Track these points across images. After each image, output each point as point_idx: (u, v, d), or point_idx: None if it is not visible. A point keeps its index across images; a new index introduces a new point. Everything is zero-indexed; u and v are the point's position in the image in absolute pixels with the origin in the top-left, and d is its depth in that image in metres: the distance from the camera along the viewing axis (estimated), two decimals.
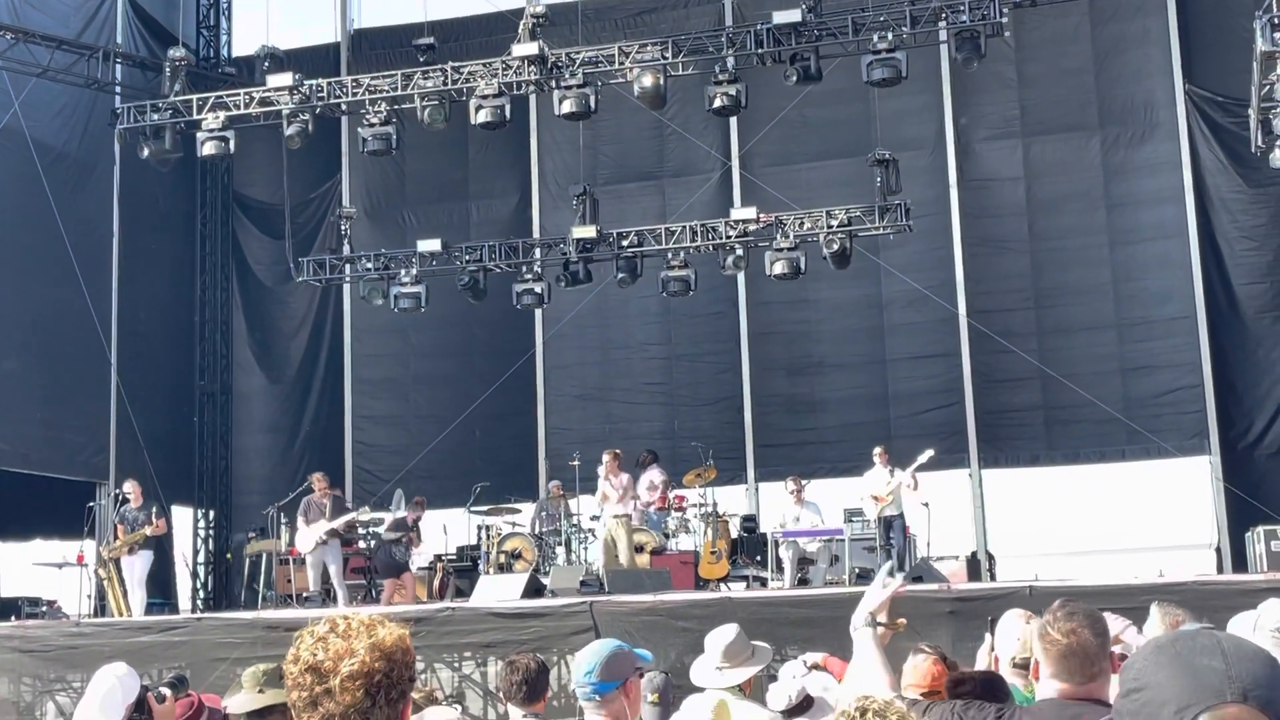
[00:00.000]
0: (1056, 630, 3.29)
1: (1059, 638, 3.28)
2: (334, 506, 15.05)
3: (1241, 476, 17.41)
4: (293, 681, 2.35)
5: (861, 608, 3.94)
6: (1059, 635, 3.28)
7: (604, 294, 19.32)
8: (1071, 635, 3.27)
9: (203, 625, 13.35)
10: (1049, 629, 3.30)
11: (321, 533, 14.78)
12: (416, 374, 21.17)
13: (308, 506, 15.01)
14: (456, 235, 19.53)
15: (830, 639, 10.94)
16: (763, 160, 19.85)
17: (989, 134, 19.49)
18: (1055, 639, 3.28)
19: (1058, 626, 3.29)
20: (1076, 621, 3.30)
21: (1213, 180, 18.34)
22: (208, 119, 17.43)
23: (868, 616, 3.90)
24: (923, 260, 19.13)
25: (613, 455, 15.29)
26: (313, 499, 15.05)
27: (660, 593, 12.94)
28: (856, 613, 3.93)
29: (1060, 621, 3.30)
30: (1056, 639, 3.28)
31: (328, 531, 14.80)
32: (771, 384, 19.92)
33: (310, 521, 14.87)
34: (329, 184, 21.37)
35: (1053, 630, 3.29)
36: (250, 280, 21.67)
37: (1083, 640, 3.28)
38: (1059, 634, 3.28)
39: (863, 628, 3.91)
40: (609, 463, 15.18)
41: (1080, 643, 3.27)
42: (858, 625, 3.92)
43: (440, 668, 12.65)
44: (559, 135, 20.30)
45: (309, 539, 14.87)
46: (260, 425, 21.48)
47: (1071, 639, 3.27)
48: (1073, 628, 3.28)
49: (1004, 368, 18.68)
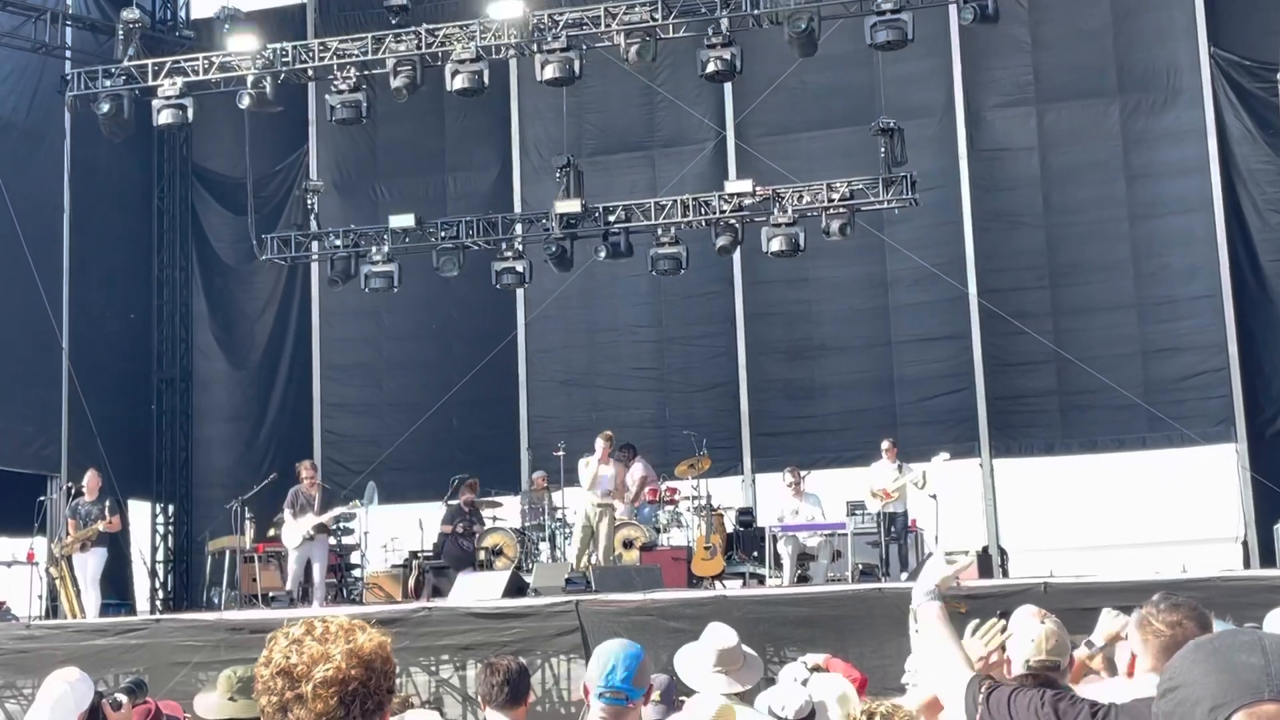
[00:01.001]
0: (1161, 621, 3.33)
1: (1164, 629, 3.32)
2: (323, 499, 15.02)
3: (1270, 465, 17.46)
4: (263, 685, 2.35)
5: (923, 581, 3.89)
6: (1163, 626, 3.32)
7: (590, 273, 19.30)
8: (1177, 627, 3.32)
9: (162, 627, 13.34)
10: (1152, 620, 3.34)
11: (309, 527, 14.74)
12: (390, 359, 21.15)
13: (295, 497, 14.96)
14: (432, 210, 19.49)
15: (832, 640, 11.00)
16: (759, 129, 19.83)
17: (1001, 101, 19.49)
18: (1160, 630, 3.31)
19: (1162, 618, 3.34)
20: (1182, 613, 3.35)
21: (1239, 150, 18.36)
22: (164, 85, 17.37)
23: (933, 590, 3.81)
24: (930, 236, 19.14)
25: (607, 440, 15.29)
26: (301, 489, 15.01)
27: (651, 591, 12.97)
28: (917, 587, 3.90)
29: (1164, 613, 3.35)
30: (1161, 630, 3.31)
31: (316, 526, 14.78)
32: (769, 368, 19.93)
33: (299, 514, 14.83)
34: (295, 155, 21.31)
35: (1156, 621, 3.33)
36: (211, 259, 21.61)
37: (1189, 632, 3.31)
38: (1164, 625, 3.32)
39: (927, 601, 3.83)
40: (604, 448, 15.18)
41: (1186, 635, 3.29)
42: (921, 599, 3.86)
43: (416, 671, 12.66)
44: (541, 103, 20.25)
45: (296, 534, 14.82)
46: (223, 414, 21.44)
47: (1177, 630, 3.32)
48: (1178, 619, 3.33)
49: (1017, 350, 18.71)
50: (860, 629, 11.32)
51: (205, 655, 12.39)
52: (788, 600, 12.41)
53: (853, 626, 11.50)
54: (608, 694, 4.12)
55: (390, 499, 18.60)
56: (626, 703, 4.13)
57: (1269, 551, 16.22)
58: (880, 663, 9.97)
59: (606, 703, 4.13)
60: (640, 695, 4.16)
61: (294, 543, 14.88)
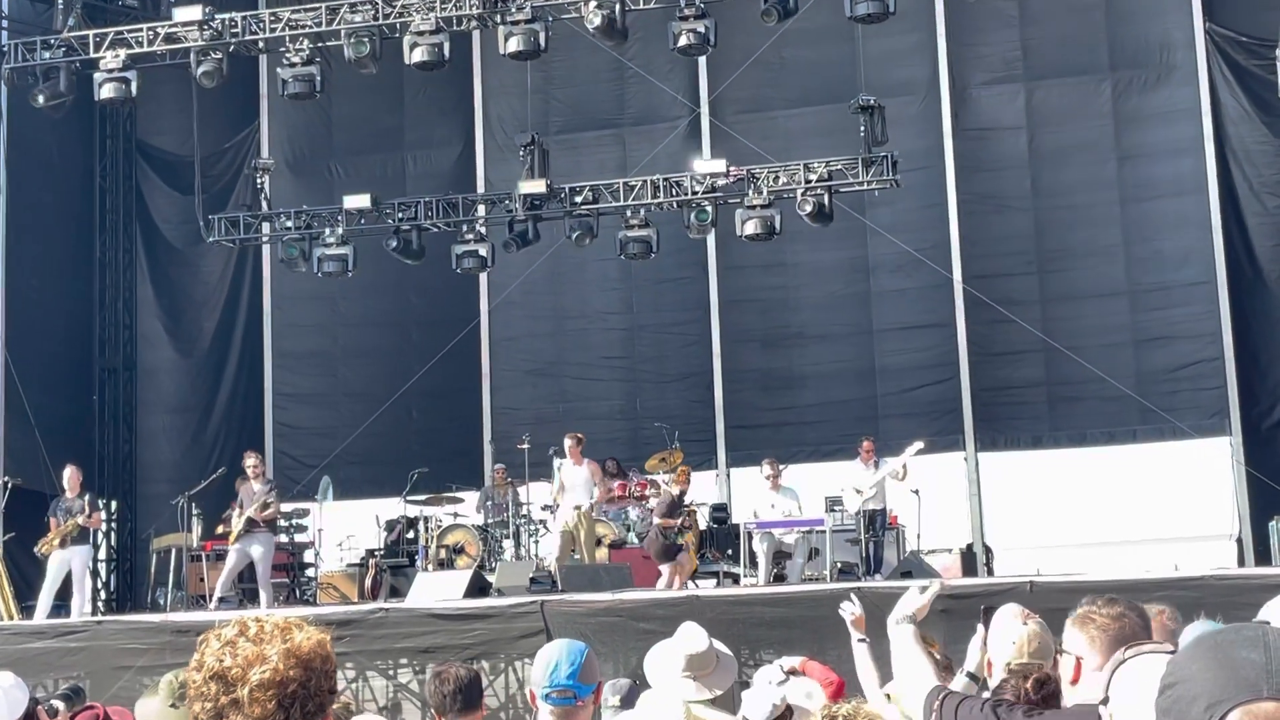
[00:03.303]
0: (1104, 615, 3.37)
1: (1109, 622, 3.35)
2: (267, 492, 14.94)
3: (1265, 460, 17.56)
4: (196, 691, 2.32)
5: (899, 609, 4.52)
6: (1108, 620, 3.36)
7: (556, 257, 19.26)
8: (1122, 618, 3.37)
9: (103, 629, 13.27)
10: (1095, 615, 3.38)
11: (243, 522, 14.65)
12: (345, 347, 21.07)
13: (242, 494, 14.90)
14: (389, 190, 19.41)
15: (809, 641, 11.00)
16: (734, 106, 19.82)
17: (987, 78, 19.52)
18: (1105, 624, 3.35)
19: (1104, 611, 3.38)
20: (1122, 606, 3.41)
21: (1235, 130, 18.44)
22: (106, 58, 17.23)
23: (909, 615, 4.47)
24: (913, 219, 19.17)
25: (575, 440, 15.29)
26: (244, 488, 14.95)
27: (620, 591, 12.95)
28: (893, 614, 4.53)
29: (1105, 607, 3.40)
30: (1107, 624, 3.35)
31: (247, 520, 14.68)
32: (745, 357, 19.94)
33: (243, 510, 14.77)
34: (245, 132, 21.19)
35: (1100, 616, 3.37)
36: (157, 241, 21.47)
37: (1133, 624, 3.36)
38: (1108, 618, 3.36)
39: (903, 624, 4.47)
40: (571, 448, 15.16)
41: (1131, 627, 3.35)
42: (898, 621, 4.51)
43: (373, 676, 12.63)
44: (505, 78, 20.19)
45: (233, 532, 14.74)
46: (168, 405, 21.32)
47: (1124, 622, 3.36)
48: (1121, 610, 3.39)
49: (1003, 339, 18.76)
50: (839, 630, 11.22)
51: (149, 659, 12.32)
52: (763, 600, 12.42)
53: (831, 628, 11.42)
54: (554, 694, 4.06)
55: (346, 494, 18.56)
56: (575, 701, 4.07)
57: (1264, 549, 16.31)
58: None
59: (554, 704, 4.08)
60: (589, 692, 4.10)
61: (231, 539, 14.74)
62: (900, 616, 4.54)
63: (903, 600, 4.62)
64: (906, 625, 4.47)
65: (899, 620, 4.52)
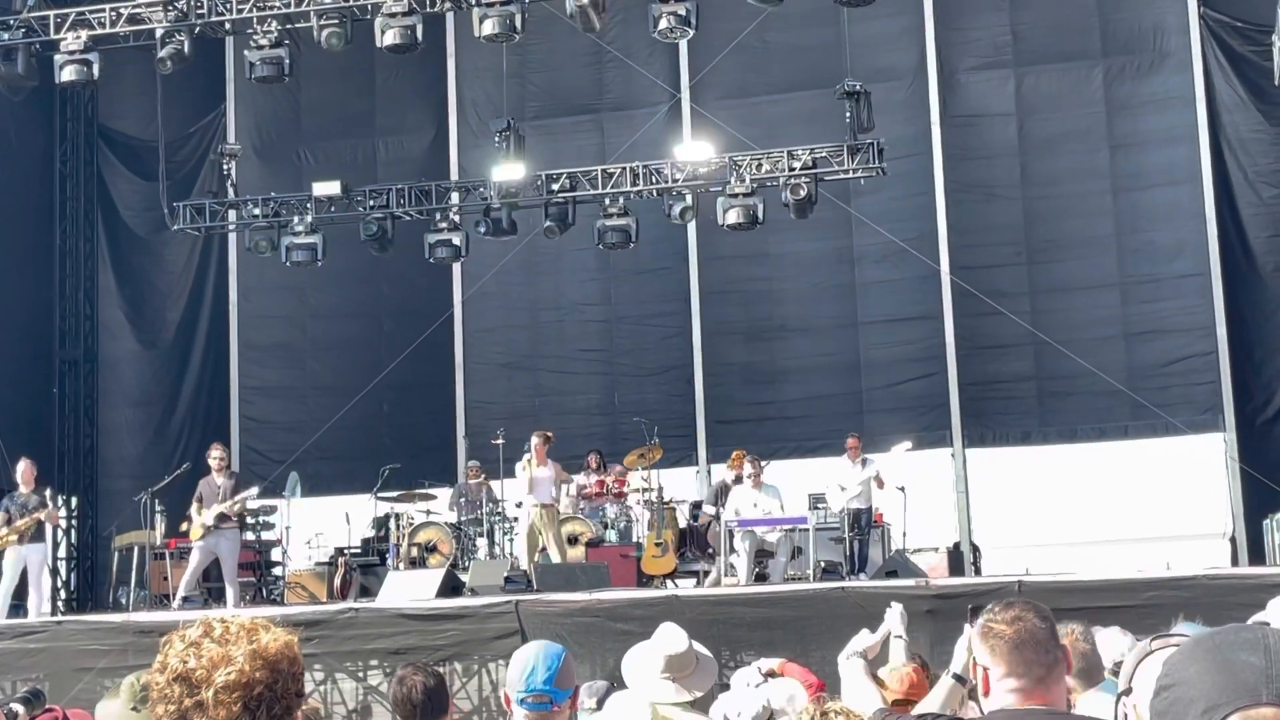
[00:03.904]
0: (1000, 622, 3.39)
1: (1005, 628, 3.37)
2: (233, 487, 14.89)
3: (1260, 457, 17.63)
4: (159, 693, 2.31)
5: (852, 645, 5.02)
6: (1004, 626, 3.38)
7: (532, 246, 19.25)
8: (1018, 622, 3.38)
9: (63, 630, 13.23)
10: (992, 625, 3.41)
11: (211, 517, 14.60)
12: (314, 338, 21.03)
13: (202, 489, 14.85)
14: (360, 177, 19.38)
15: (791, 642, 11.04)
16: (717, 92, 19.82)
17: (976, 63, 19.55)
18: (1001, 630, 3.38)
19: (1000, 617, 3.40)
20: (1018, 609, 3.43)
21: (1229, 118, 18.51)
22: (67, 39, 17.14)
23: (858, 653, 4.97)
24: (899, 208, 19.20)
25: (543, 439, 15.29)
26: (209, 477, 14.90)
27: (597, 590, 12.96)
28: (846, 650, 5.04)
29: (1001, 612, 3.42)
30: (1003, 630, 3.37)
31: (218, 515, 14.63)
32: (726, 351, 19.95)
33: (207, 505, 14.72)
34: (211, 117, 21.13)
35: (997, 624, 3.40)
36: (119, 229, 21.40)
37: (1030, 625, 3.37)
38: (1004, 624, 3.38)
39: (854, 659, 4.95)
40: (537, 446, 15.18)
41: (1029, 628, 3.36)
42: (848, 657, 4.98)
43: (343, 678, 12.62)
44: (480, 61, 20.15)
45: (199, 528, 14.69)
46: (131, 398, 21.25)
47: (1019, 625, 3.37)
48: (1016, 614, 3.40)
49: (992, 332, 18.81)
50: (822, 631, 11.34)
51: (111, 660, 12.30)
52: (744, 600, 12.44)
53: (814, 628, 11.54)
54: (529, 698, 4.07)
55: (314, 491, 18.52)
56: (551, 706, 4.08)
57: (1258, 548, 16.39)
58: None
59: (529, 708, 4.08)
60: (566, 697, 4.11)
61: (195, 536, 14.69)
62: (850, 652, 4.97)
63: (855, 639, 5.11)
64: (856, 660, 4.91)
65: (849, 655, 4.94)
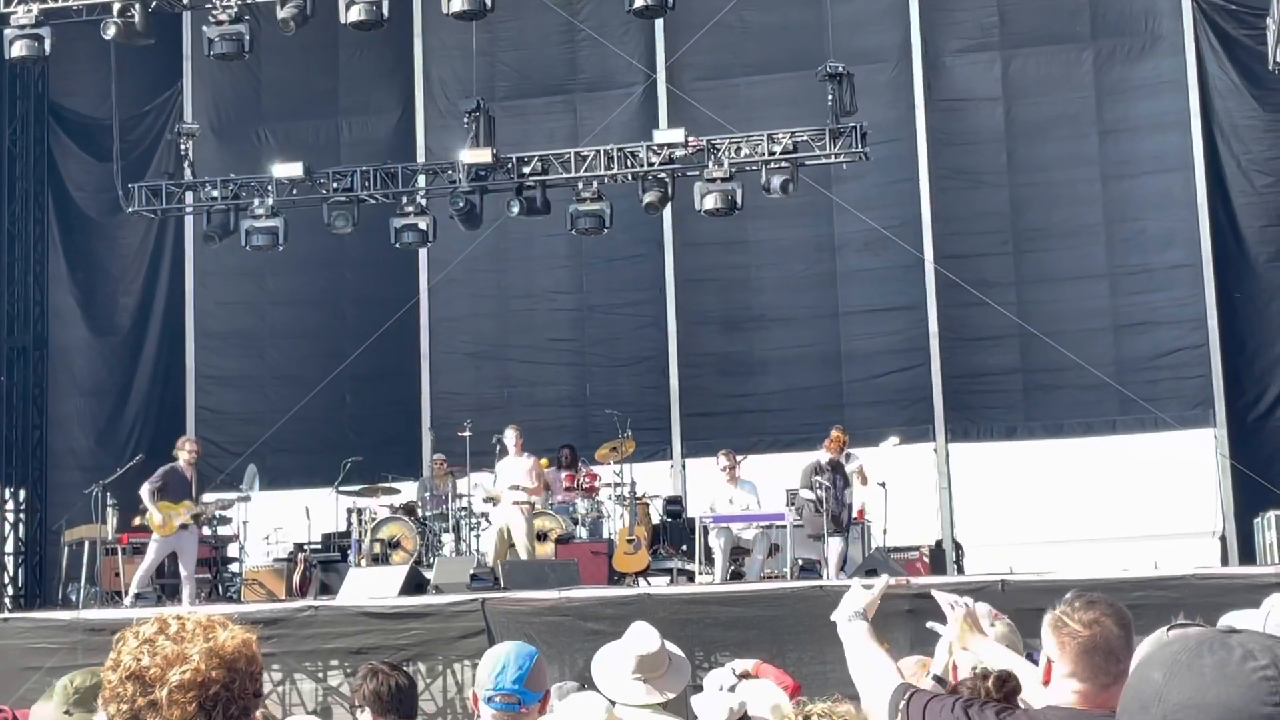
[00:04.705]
0: (1076, 621, 3.37)
1: (1080, 629, 3.36)
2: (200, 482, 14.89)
3: (1251, 453, 17.72)
4: (111, 692, 2.31)
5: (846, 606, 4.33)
6: (1079, 626, 3.37)
7: (502, 232, 19.23)
8: (1095, 625, 3.37)
9: (10, 627, 13.22)
10: (1067, 620, 3.39)
11: (188, 515, 14.60)
12: (273, 326, 20.97)
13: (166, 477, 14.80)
14: (322, 158, 19.31)
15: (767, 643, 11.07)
16: (694, 73, 19.82)
17: (962, 45, 19.59)
18: (1075, 630, 3.36)
19: (1077, 617, 3.38)
20: (1099, 610, 3.40)
21: (1223, 103, 18.58)
22: (17, 13, 17.04)
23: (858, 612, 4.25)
24: (882, 195, 19.23)
25: (518, 430, 15.31)
26: (177, 468, 14.86)
27: (566, 588, 12.98)
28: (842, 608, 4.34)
29: (1080, 611, 3.40)
30: (1077, 630, 3.36)
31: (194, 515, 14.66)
32: (702, 341, 19.97)
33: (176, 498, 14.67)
34: (167, 94, 21.03)
35: (1071, 621, 3.38)
36: (70, 211, 21.29)
37: (1108, 630, 3.37)
38: (1080, 624, 3.37)
39: (855, 620, 4.25)
40: (515, 439, 15.19)
41: (1105, 633, 3.36)
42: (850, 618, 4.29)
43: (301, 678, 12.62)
44: (448, 39, 20.11)
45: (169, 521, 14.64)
46: (82, 387, 21.16)
47: (1095, 629, 3.36)
48: (1095, 616, 3.38)
49: (976, 323, 18.86)
50: (799, 631, 11.39)
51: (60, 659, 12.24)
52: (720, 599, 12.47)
53: (791, 629, 11.58)
54: (498, 698, 4.09)
55: (273, 484, 18.46)
56: (520, 707, 4.10)
57: (1248, 547, 16.50)
58: (820, 668, 10.06)
59: (497, 708, 4.10)
60: (536, 699, 4.13)
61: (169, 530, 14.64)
62: (850, 613, 4.31)
63: (849, 595, 4.41)
64: (859, 621, 4.26)
65: (850, 616, 4.30)
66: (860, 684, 4.15)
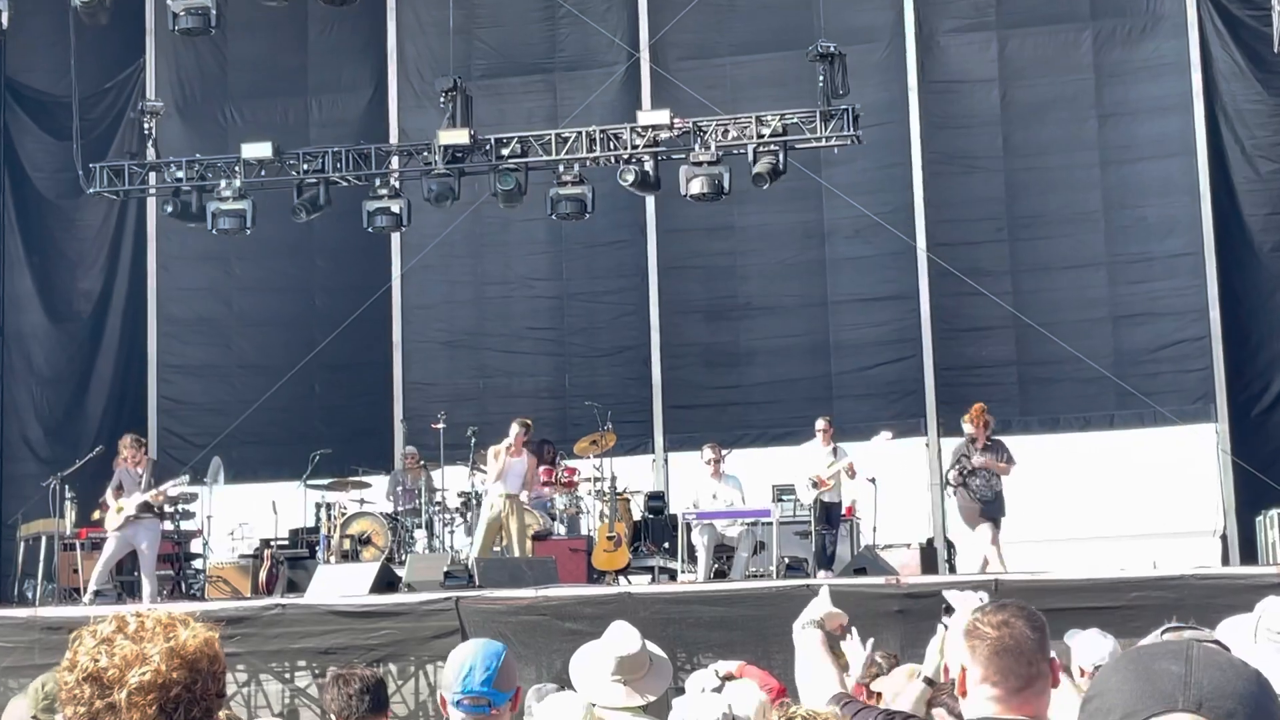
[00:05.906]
0: (986, 624, 3.48)
1: (989, 630, 3.46)
2: (154, 474, 14.84)
3: (1254, 449, 17.77)
4: (68, 694, 2.31)
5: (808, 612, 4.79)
6: (989, 629, 3.47)
7: (478, 216, 19.21)
8: (1004, 627, 3.47)
9: None
10: (978, 624, 3.49)
11: (133, 506, 14.57)
12: (240, 313, 20.92)
13: (118, 478, 14.80)
14: (292, 138, 19.25)
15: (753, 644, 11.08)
16: (679, 52, 19.79)
17: (957, 25, 19.59)
18: (985, 633, 3.46)
19: (987, 620, 3.49)
20: (1009, 613, 3.51)
21: (1226, 86, 18.61)
22: None
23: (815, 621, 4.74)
24: (874, 180, 19.24)
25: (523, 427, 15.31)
26: (124, 468, 14.85)
27: (543, 587, 12.98)
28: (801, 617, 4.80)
29: (990, 614, 3.51)
30: (987, 633, 3.46)
31: (140, 505, 14.61)
32: (686, 330, 19.97)
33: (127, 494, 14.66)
34: (129, 71, 20.96)
35: (982, 625, 3.49)
36: (27, 191, 21.22)
37: (1017, 633, 3.45)
38: (989, 627, 3.47)
39: (810, 628, 4.74)
40: (518, 436, 15.19)
41: (1014, 635, 3.45)
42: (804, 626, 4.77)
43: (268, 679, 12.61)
44: (424, 15, 20.08)
45: (117, 516, 14.64)
46: (40, 375, 21.09)
47: (1004, 631, 3.46)
48: (1004, 618, 3.49)
49: (970, 313, 18.89)
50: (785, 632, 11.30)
51: (16, 659, 12.26)
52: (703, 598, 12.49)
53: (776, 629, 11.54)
54: (466, 700, 4.09)
55: (239, 477, 18.46)
56: (489, 709, 4.10)
57: (1250, 546, 16.54)
58: None
59: (466, 710, 4.10)
60: (506, 699, 4.14)
61: (114, 525, 14.65)
62: (806, 621, 4.78)
63: (811, 604, 4.87)
64: (813, 630, 4.73)
65: (805, 625, 4.77)
66: (802, 689, 4.53)
